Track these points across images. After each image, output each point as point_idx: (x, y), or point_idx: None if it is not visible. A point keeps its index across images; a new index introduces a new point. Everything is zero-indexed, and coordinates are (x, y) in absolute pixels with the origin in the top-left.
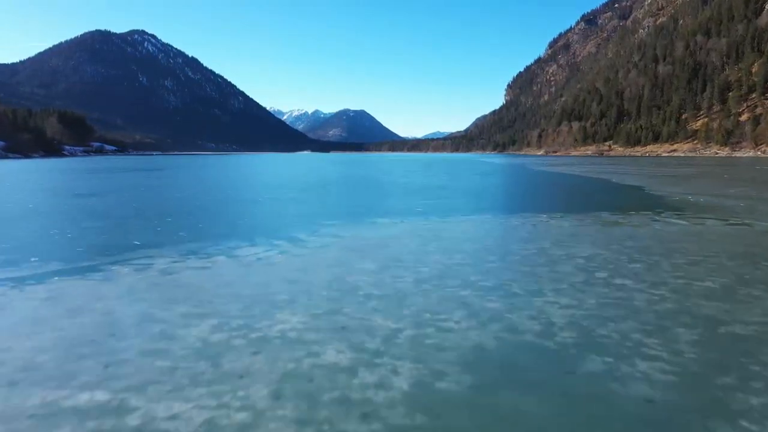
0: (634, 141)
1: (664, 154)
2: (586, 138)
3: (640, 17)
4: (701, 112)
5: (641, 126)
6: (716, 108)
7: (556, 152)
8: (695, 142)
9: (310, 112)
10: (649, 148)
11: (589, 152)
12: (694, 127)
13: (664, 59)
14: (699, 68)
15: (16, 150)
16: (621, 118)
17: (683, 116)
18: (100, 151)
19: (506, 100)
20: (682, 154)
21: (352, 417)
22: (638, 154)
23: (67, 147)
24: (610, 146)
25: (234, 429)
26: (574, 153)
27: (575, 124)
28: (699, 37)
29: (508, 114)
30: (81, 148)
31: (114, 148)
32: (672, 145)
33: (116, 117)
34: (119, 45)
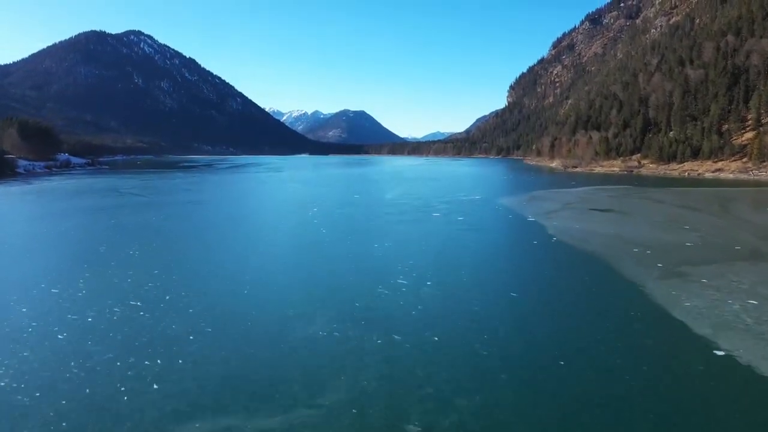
0: (668, 157)
1: (707, 175)
2: (609, 151)
3: (651, 16)
4: (747, 124)
5: (676, 139)
6: (766, 119)
7: (576, 167)
8: (744, 160)
9: (309, 113)
10: (687, 165)
11: (616, 168)
12: (740, 141)
13: (692, 62)
14: (739, 73)
15: None
16: (647, 129)
17: (724, 128)
18: (66, 166)
19: (509, 102)
20: (731, 176)
21: None
22: (675, 172)
23: (25, 163)
24: (639, 161)
25: None
26: (597, 169)
27: (595, 135)
28: (730, 38)
29: (511, 117)
30: (42, 164)
31: (83, 160)
32: (715, 162)
33: (110, 119)
34: (114, 46)
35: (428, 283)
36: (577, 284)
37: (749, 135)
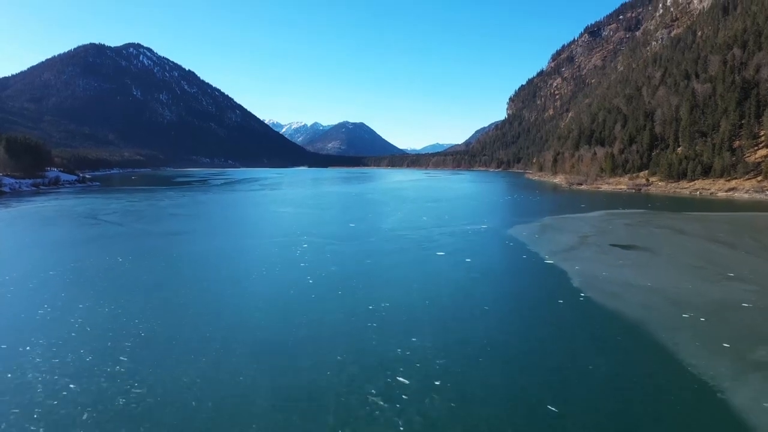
0: (678, 174)
1: (720, 194)
2: (615, 167)
3: (652, 29)
4: (760, 141)
5: (685, 156)
6: None
7: (580, 184)
8: (759, 178)
9: (309, 125)
10: (698, 184)
11: (623, 186)
12: (754, 159)
13: (697, 76)
14: (749, 87)
15: None
16: (654, 145)
17: (736, 145)
18: (54, 184)
19: (508, 114)
20: (746, 195)
21: None
22: (686, 191)
23: (10, 181)
24: (647, 179)
25: None
26: (604, 187)
27: (599, 150)
28: (736, 51)
29: (511, 129)
30: (29, 182)
31: (73, 177)
32: (728, 181)
33: (108, 132)
34: (113, 58)
35: (437, 383)
36: (633, 386)
37: (763, 152)
